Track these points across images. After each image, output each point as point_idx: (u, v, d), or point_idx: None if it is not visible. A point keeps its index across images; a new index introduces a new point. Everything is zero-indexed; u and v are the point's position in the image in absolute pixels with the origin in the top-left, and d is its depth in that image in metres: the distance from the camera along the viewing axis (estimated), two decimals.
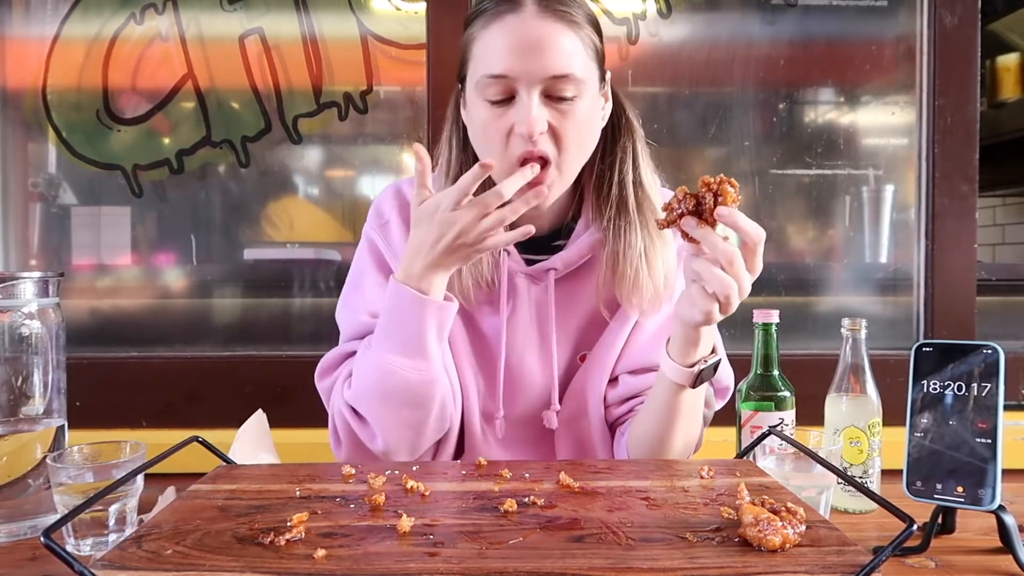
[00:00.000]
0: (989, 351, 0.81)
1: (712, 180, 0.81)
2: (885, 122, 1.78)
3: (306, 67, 1.71)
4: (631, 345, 1.05)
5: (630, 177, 1.03)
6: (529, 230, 0.90)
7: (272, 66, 1.71)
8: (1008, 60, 2.27)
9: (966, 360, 0.82)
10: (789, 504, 0.67)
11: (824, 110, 1.79)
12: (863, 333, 1.02)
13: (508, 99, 0.93)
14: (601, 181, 1.04)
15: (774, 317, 1.02)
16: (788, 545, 0.62)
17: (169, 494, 0.87)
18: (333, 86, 1.72)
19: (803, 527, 0.64)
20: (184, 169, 1.72)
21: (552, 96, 0.93)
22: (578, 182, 1.04)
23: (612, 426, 1.09)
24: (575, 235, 1.05)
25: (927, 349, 0.85)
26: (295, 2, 1.71)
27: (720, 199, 0.81)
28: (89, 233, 1.74)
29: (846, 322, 1.03)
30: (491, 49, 0.93)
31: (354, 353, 1.02)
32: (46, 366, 0.94)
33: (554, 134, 0.94)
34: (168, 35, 1.71)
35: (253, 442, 1.02)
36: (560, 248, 1.05)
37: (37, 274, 0.94)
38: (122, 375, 1.64)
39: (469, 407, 1.06)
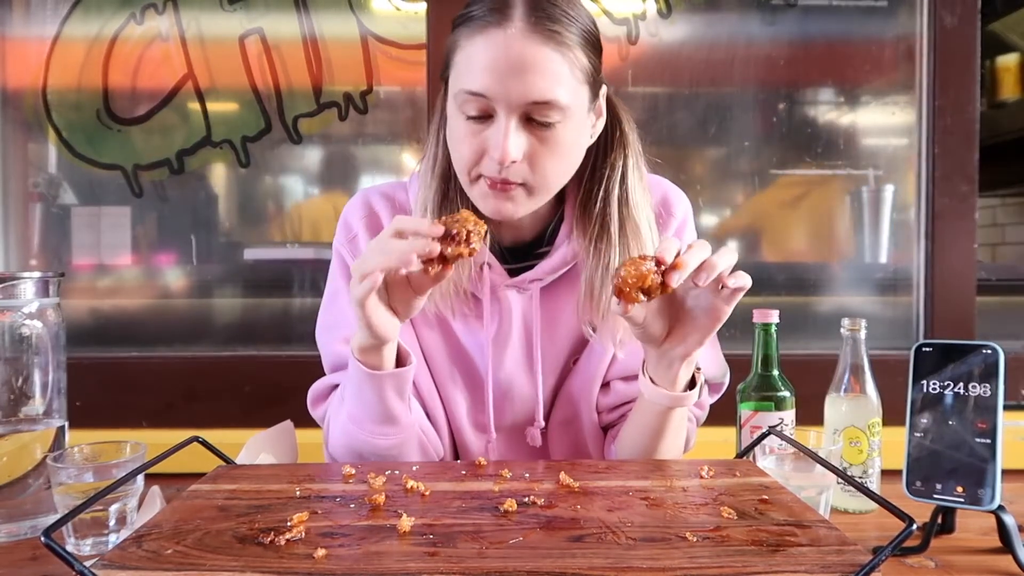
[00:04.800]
0: (989, 351, 0.81)
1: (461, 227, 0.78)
2: (885, 122, 1.78)
3: (306, 67, 1.71)
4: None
5: (615, 195, 0.98)
6: None
7: (272, 66, 1.71)
8: (1008, 60, 2.27)
9: (966, 360, 0.82)
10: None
11: (824, 110, 1.79)
12: (863, 333, 1.02)
13: (486, 116, 0.88)
14: (587, 197, 0.99)
15: (774, 317, 1.02)
16: (649, 279, 0.74)
17: (154, 494, 0.87)
18: (333, 86, 1.72)
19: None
20: (184, 169, 1.72)
21: (533, 120, 0.88)
22: (562, 190, 1.00)
23: (605, 429, 1.09)
24: (558, 242, 1.01)
25: (927, 349, 0.85)
26: (295, 2, 1.71)
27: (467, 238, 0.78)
28: (89, 233, 1.74)
29: (846, 322, 1.03)
30: (472, 64, 0.87)
31: (338, 385, 1.02)
32: (46, 366, 0.94)
33: (531, 160, 0.90)
34: (168, 35, 1.71)
35: (266, 448, 1.01)
36: (543, 255, 1.01)
37: (37, 274, 0.94)
38: (122, 375, 1.64)
39: (458, 421, 1.05)
